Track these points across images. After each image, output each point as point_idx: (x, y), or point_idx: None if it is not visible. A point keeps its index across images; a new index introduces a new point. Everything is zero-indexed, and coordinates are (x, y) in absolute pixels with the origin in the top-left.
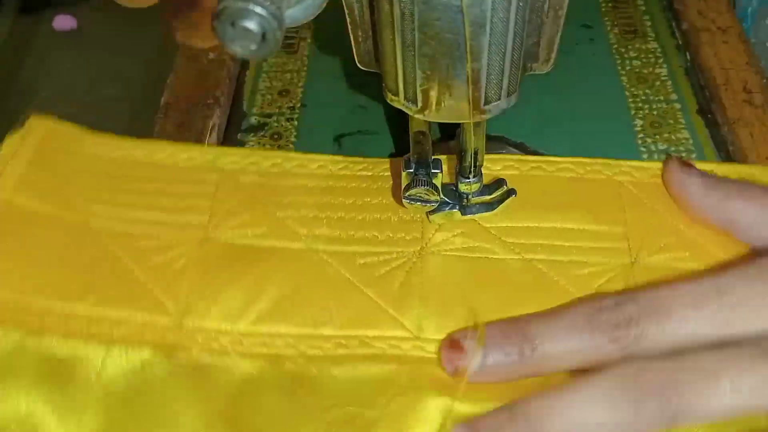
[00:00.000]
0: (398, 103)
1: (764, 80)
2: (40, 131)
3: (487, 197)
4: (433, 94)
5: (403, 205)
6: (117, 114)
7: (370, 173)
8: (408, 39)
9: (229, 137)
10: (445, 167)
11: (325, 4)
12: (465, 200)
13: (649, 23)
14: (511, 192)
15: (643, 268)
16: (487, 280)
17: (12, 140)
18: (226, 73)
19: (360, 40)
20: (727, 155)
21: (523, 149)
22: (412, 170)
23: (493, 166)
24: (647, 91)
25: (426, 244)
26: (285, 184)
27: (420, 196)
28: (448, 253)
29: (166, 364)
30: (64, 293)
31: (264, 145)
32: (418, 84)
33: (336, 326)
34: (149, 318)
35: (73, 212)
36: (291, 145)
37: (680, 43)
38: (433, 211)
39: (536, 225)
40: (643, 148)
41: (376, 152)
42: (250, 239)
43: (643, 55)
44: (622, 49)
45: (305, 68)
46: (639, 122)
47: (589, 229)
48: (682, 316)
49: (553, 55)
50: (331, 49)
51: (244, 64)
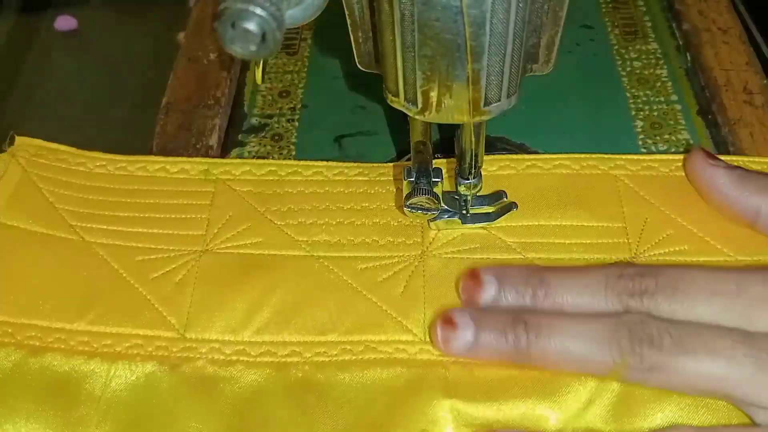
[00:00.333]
0: (398, 104)
1: (764, 81)
2: (26, 152)
3: (488, 208)
4: (433, 95)
5: (404, 214)
6: (118, 114)
7: (366, 178)
8: (408, 40)
9: (230, 138)
10: (445, 174)
11: (325, 6)
12: (465, 209)
13: (649, 24)
14: (512, 205)
15: (643, 262)
16: None
17: None
18: (227, 74)
19: (360, 41)
20: (727, 156)
21: (524, 150)
22: (412, 179)
23: (489, 166)
24: (648, 92)
25: (427, 248)
26: (281, 191)
27: (421, 205)
28: (449, 256)
29: (172, 377)
30: (64, 312)
31: (265, 146)
32: (418, 85)
33: (341, 332)
34: (152, 332)
35: (66, 230)
36: (291, 146)
37: (681, 43)
38: (434, 220)
39: (536, 223)
40: (643, 149)
41: (377, 153)
42: (250, 249)
43: (643, 56)
44: (623, 50)
45: (305, 69)
46: (639, 123)
47: (588, 225)
48: (697, 301)
49: (554, 56)
50: (332, 51)
51: (246, 66)
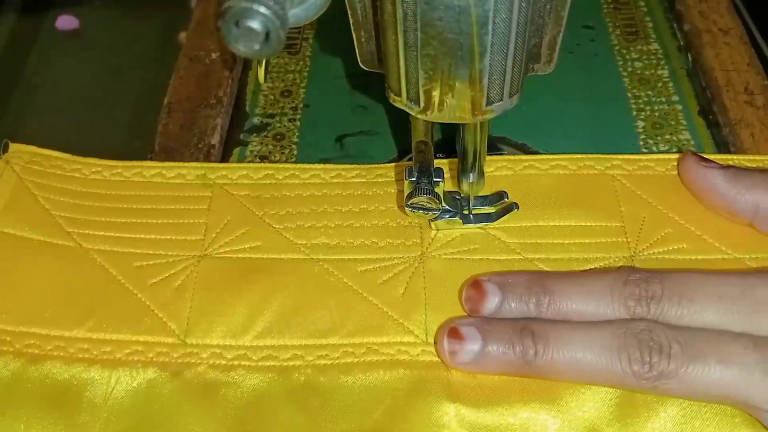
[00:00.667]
0: (400, 103)
1: (765, 81)
2: (21, 159)
3: (489, 209)
4: (436, 95)
5: (405, 213)
6: (119, 114)
7: (364, 180)
8: (410, 39)
9: (232, 138)
10: (446, 174)
11: (327, 5)
12: (467, 208)
13: (650, 24)
14: (513, 206)
15: (642, 261)
16: None
17: None
18: (229, 74)
19: (363, 40)
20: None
21: (525, 150)
22: (414, 179)
23: (487, 167)
24: (649, 93)
25: (426, 249)
26: (279, 195)
27: (422, 205)
28: (449, 257)
29: (173, 382)
30: (63, 319)
31: (266, 146)
32: (421, 84)
33: (342, 335)
34: (152, 338)
35: (63, 237)
36: (293, 146)
37: (682, 44)
38: (435, 219)
39: (534, 224)
40: (644, 150)
41: (378, 152)
42: (248, 253)
43: (644, 57)
44: (624, 51)
45: (307, 69)
46: (641, 123)
47: (587, 225)
48: (703, 306)
49: (555, 56)
50: (334, 50)
51: (248, 65)
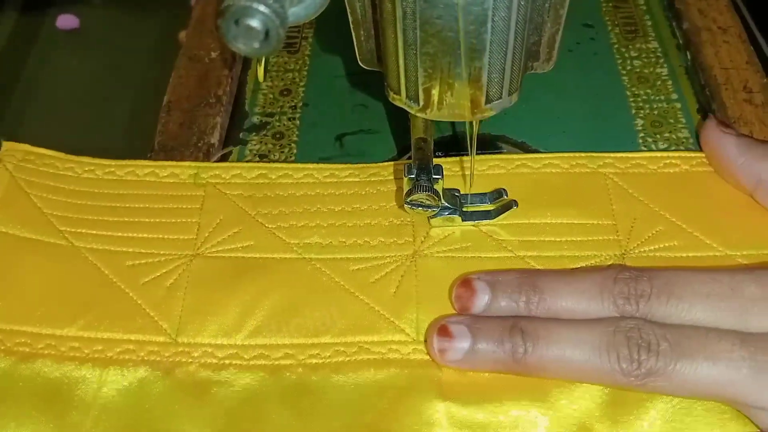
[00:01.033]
0: (400, 101)
1: (764, 80)
2: (14, 157)
3: (488, 205)
4: (435, 93)
5: (405, 211)
6: (119, 113)
7: (357, 179)
8: (410, 37)
9: (231, 136)
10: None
11: (327, 3)
12: (466, 205)
13: (649, 23)
14: (512, 203)
15: (634, 259)
16: None
17: None
18: (228, 72)
19: (362, 38)
20: None
21: (524, 148)
22: (413, 176)
23: (479, 166)
24: (648, 91)
25: (418, 248)
26: (271, 194)
27: (421, 202)
28: (441, 255)
29: (164, 381)
30: (54, 318)
31: (266, 144)
32: (420, 82)
33: (334, 334)
34: (143, 337)
35: (56, 236)
36: (293, 144)
37: (681, 42)
38: (434, 217)
39: (526, 222)
40: (644, 148)
41: (378, 151)
42: (241, 252)
43: (644, 55)
44: (623, 49)
45: (307, 67)
46: (640, 121)
47: (579, 223)
48: (692, 304)
49: (555, 54)
50: (333, 49)
51: (247, 64)
